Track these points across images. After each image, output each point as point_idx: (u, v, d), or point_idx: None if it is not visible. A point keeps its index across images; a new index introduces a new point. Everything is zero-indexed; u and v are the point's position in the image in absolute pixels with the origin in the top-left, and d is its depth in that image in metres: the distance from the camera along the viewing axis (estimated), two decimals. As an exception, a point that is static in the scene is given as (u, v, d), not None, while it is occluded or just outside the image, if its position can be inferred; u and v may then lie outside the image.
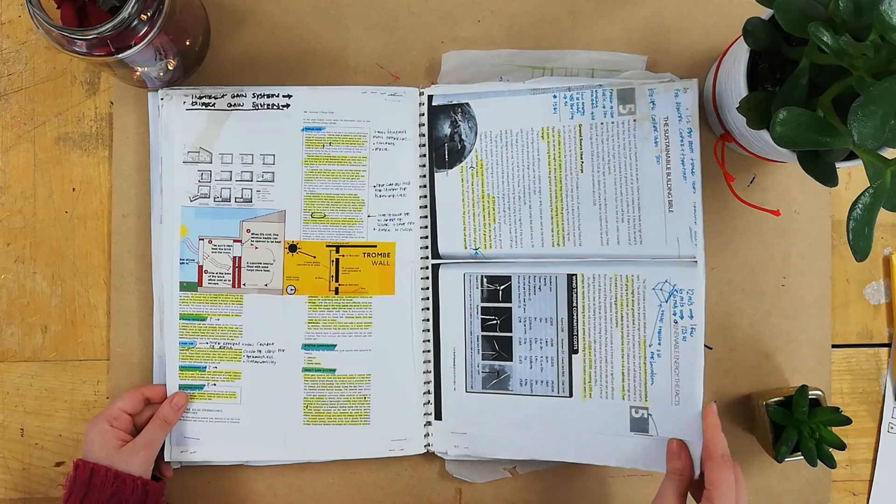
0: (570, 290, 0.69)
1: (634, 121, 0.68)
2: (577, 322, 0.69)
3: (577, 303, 0.69)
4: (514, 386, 0.70)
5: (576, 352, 0.69)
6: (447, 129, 0.70)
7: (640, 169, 0.68)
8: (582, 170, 0.69)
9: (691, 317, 0.66)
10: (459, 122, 0.70)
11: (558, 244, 0.69)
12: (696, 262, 0.66)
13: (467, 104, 0.70)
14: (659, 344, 0.67)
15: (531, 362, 0.69)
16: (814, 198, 0.72)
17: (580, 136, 0.69)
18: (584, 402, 0.68)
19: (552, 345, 0.69)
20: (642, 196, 0.68)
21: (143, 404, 0.68)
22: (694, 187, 0.67)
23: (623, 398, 0.68)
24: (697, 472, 0.64)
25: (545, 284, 0.69)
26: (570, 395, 0.69)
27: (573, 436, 0.68)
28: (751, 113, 0.57)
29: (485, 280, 0.70)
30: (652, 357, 0.67)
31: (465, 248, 0.70)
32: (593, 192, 0.68)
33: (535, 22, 0.72)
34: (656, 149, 0.67)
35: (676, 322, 0.67)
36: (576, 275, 0.69)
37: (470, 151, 0.70)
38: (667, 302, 0.67)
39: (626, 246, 0.68)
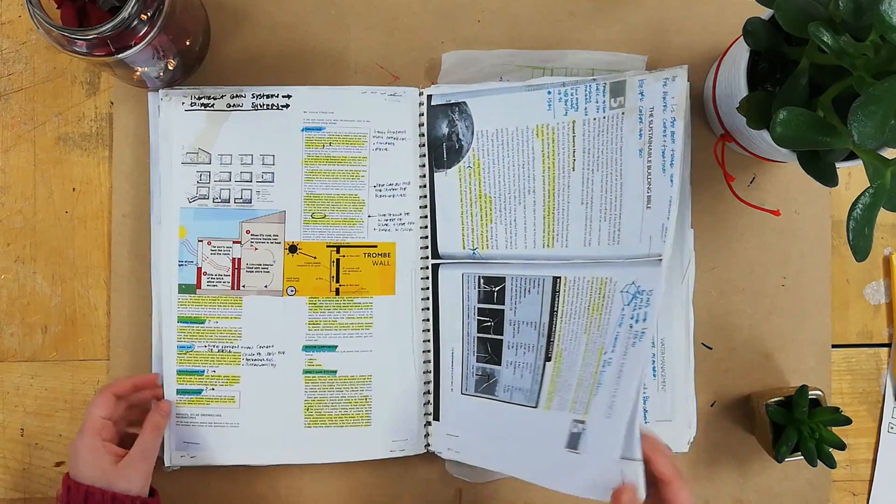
0: (554, 293, 0.66)
1: (623, 114, 0.64)
2: (555, 327, 0.66)
3: (557, 307, 0.66)
4: (498, 392, 0.68)
5: (549, 359, 0.66)
6: (445, 129, 0.70)
7: (625, 164, 0.64)
8: (574, 168, 0.67)
9: (645, 320, 0.59)
10: (456, 122, 0.70)
11: (548, 245, 0.68)
12: (661, 260, 0.60)
13: (464, 103, 0.70)
14: (612, 351, 0.61)
15: (514, 368, 0.67)
16: (814, 198, 0.72)
17: (573, 132, 0.66)
18: (544, 415, 0.64)
19: (532, 350, 0.67)
20: (624, 193, 0.64)
21: (115, 402, 0.64)
22: (672, 180, 0.61)
23: (571, 410, 0.62)
24: (643, 496, 0.55)
25: (534, 287, 0.67)
26: (536, 406, 0.65)
27: (523, 450, 0.64)
28: (751, 113, 0.57)
29: (482, 281, 0.70)
30: (604, 366, 0.61)
31: (464, 248, 0.70)
32: (582, 191, 0.66)
33: (535, 22, 0.72)
34: (640, 141, 0.63)
35: (631, 326, 0.60)
36: (560, 277, 0.66)
37: (467, 151, 0.70)
38: (628, 305, 0.61)
39: (606, 246, 0.65)
